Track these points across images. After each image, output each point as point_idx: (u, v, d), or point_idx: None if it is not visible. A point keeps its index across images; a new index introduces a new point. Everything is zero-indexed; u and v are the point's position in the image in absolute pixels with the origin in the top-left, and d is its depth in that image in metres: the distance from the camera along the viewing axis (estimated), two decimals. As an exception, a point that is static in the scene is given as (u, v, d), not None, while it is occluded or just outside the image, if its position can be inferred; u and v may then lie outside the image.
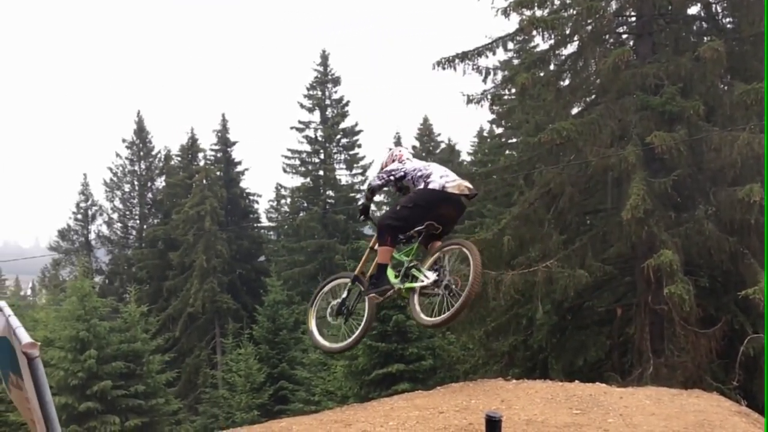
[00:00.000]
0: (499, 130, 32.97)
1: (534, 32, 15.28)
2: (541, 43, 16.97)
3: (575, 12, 14.94)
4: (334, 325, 6.33)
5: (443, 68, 16.13)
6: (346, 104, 36.62)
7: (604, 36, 15.60)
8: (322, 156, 36.81)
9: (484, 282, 13.67)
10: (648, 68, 14.30)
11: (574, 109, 16.49)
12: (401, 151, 6.60)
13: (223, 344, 32.50)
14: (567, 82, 16.18)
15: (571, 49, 15.77)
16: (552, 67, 16.08)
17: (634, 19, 15.83)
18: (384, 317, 17.83)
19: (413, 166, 6.18)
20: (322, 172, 36.60)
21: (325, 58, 36.23)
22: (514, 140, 28.91)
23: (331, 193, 36.88)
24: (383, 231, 5.96)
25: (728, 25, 15.70)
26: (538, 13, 15.34)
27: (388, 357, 18.42)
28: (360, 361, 18.76)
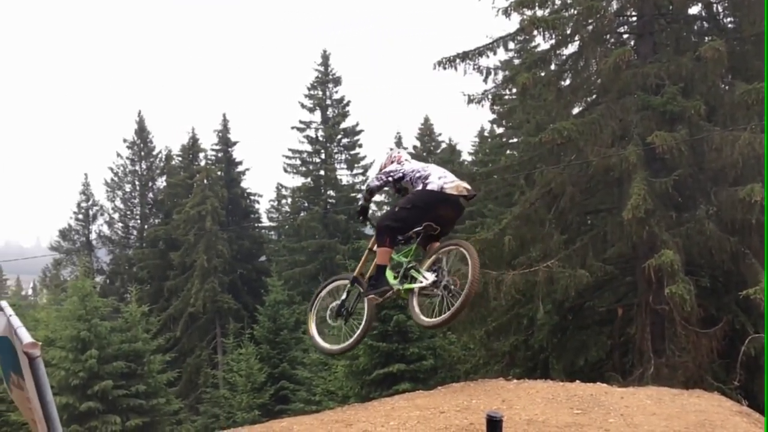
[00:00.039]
0: (500, 130, 32.96)
1: (535, 32, 15.28)
2: (542, 42, 17.01)
3: (576, 12, 14.94)
4: (334, 326, 6.33)
5: (444, 68, 16.13)
6: (347, 104, 36.66)
7: (605, 36, 15.60)
8: (323, 156, 36.82)
9: (485, 282, 13.68)
10: (649, 68, 14.29)
11: (575, 109, 16.49)
12: (400, 153, 6.62)
13: (224, 344, 32.51)
14: (568, 82, 16.18)
15: (572, 48, 15.79)
16: (553, 67, 16.08)
17: (635, 18, 15.83)
18: (385, 317, 17.84)
19: (412, 168, 6.19)
20: (322, 172, 36.61)
21: (325, 58, 36.25)
22: (515, 140, 28.90)
23: (331, 193, 36.89)
24: (382, 232, 5.97)
25: (729, 25, 15.70)
26: (539, 13, 15.34)
27: (389, 357, 18.42)
28: (361, 361, 18.76)
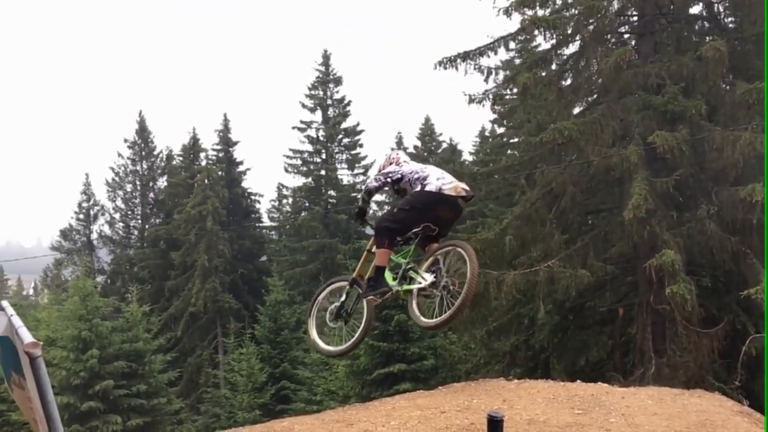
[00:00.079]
0: (501, 130, 32.95)
1: (536, 32, 15.27)
2: (543, 42, 16.99)
3: (577, 12, 14.94)
4: (334, 328, 6.34)
5: (445, 68, 16.12)
6: (348, 104, 36.66)
7: (605, 35, 15.59)
8: (324, 156, 36.83)
9: (486, 282, 13.68)
10: (650, 68, 14.29)
11: (576, 109, 16.48)
12: (398, 154, 6.63)
13: (224, 344, 32.52)
14: (569, 82, 16.17)
15: (572, 48, 15.79)
16: (554, 67, 16.07)
17: (635, 18, 15.83)
18: (386, 317, 17.85)
19: (410, 169, 6.20)
20: (323, 172, 36.61)
21: (326, 58, 36.25)
22: (516, 140, 28.90)
23: (332, 193, 36.90)
24: (381, 233, 5.98)
25: (730, 25, 15.70)
26: (540, 13, 15.34)
27: (390, 357, 18.43)
28: (362, 360, 18.77)
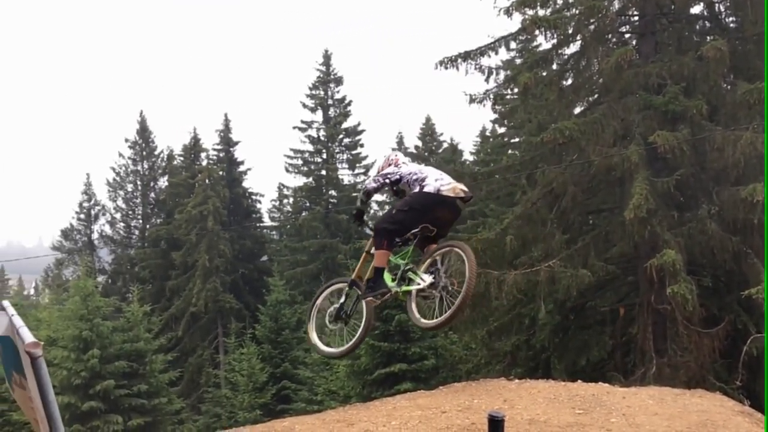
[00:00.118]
0: (502, 130, 32.95)
1: (536, 32, 15.27)
2: (544, 42, 16.98)
3: (578, 11, 14.93)
4: (334, 329, 6.35)
5: (446, 68, 16.12)
6: (349, 104, 36.65)
7: (606, 35, 15.59)
8: (325, 156, 36.82)
9: (487, 282, 13.69)
10: (651, 67, 14.28)
11: (577, 109, 16.49)
12: (397, 156, 6.66)
13: (225, 344, 32.52)
14: (570, 82, 16.17)
15: (573, 48, 15.78)
16: (554, 67, 16.07)
17: (636, 18, 15.82)
18: (386, 317, 17.85)
19: (409, 170, 6.22)
20: (324, 172, 36.61)
21: (327, 58, 36.24)
22: (517, 140, 28.89)
23: (333, 193, 36.89)
24: (379, 235, 6.00)
25: (731, 25, 15.69)
26: (541, 13, 15.34)
27: (391, 357, 18.43)
28: (362, 360, 18.77)
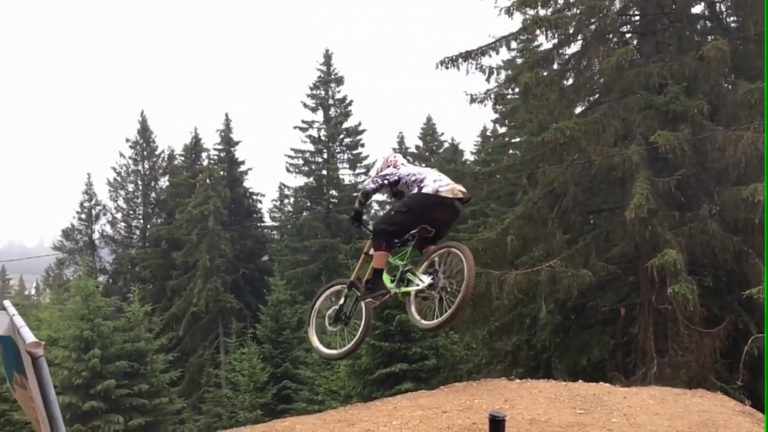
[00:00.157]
0: (503, 130, 32.95)
1: (537, 31, 15.26)
2: (545, 42, 16.97)
3: (579, 11, 14.93)
4: (333, 331, 6.36)
5: (446, 67, 16.12)
6: (350, 104, 36.64)
7: (607, 35, 15.58)
8: (326, 155, 36.83)
9: (488, 281, 13.69)
10: (652, 67, 14.28)
11: (578, 109, 16.47)
12: (396, 157, 6.67)
13: (226, 343, 32.53)
14: (570, 82, 16.16)
15: (574, 48, 15.78)
16: (555, 67, 16.06)
17: (637, 18, 15.81)
18: (387, 317, 17.85)
19: (407, 171, 6.23)
20: (325, 172, 36.62)
21: (328, 58, 36.24)
22: (518, 139, 28.88)
23: (334, 193, 36.90)
24: (378, 236, 6.02)
25: (732, 24, 15.69)
26: (542, 13, 15.33)
27: (392, 356, 18.42)
28: (363, 360, 18.77)
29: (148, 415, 22.07)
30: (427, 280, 5.85)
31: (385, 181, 6.27)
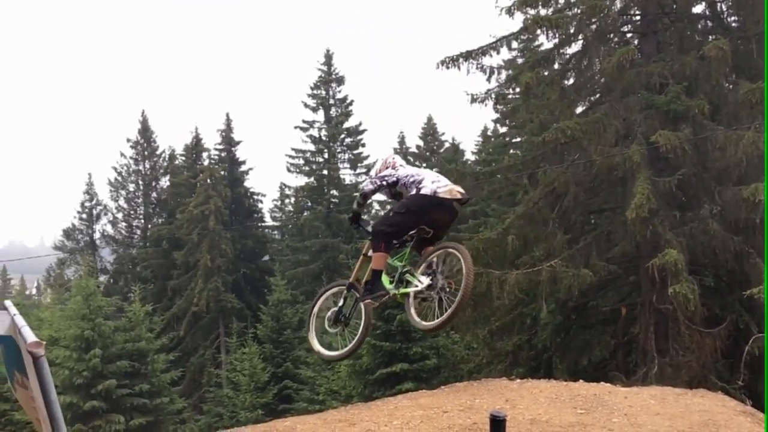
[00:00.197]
0: (504, 130, 32.94)
1: (538, 31, 15.26)
2: (546, 42, 16.96)
3: (579, 11, 14.93)
4: (333, 333, 6.37)
5: (447, 67, 16.12)
6: (350, 103, 36.61)
7: (608, 35, 15.58)
8: (326, 155, 36.82)
9: (489, 281, 13.69)
10: (653, 67, 14.27)
11: (579, 108, 16.47)
12: (395, 158, 6.68)
13: (227, 343, 32.53)
14: (571, 81, 16.16)
15: (575, 48, 15.78)
16: (556, 66, 16.06)
17: (638, 17, 15.81)
18: (388, 316, 17.85)
19: (406, 173, 6.25)
20: (326, 172, 36.61)
21: (329, 58, 36.24)
22: (519, 139, 28.86)
23: (335, 193, 36.89)
24: (377, 237, 6.03)
25: (733, 24, 15.69)
26: (543, 12, 15.33)
27: (392, 356, 18.42)
28: (364, 360, 18.77)
29: (149, 415, 22.08)
30: (425, 281, 5.86)
31: (384, 182, 6.27)
